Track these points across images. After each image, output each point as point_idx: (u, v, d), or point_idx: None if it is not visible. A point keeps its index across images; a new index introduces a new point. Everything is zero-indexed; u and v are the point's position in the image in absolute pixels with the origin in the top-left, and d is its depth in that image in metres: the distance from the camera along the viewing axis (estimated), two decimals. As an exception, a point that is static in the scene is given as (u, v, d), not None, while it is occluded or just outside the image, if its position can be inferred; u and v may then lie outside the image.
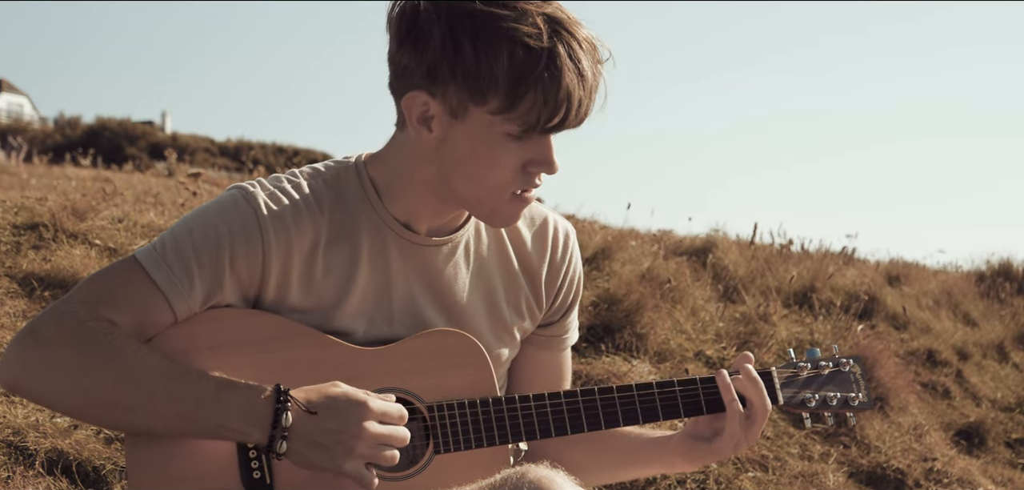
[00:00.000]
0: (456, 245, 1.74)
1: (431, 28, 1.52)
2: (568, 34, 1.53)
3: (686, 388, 1.78)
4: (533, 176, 1.62)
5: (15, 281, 3.93)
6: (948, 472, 4.61)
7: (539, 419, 1.71)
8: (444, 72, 1.53)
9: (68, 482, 2.94)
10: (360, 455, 1.56)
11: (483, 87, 1.52)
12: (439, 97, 1.55)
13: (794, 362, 1.88)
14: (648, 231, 7.63)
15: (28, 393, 1.57)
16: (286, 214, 1.63)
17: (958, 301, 8.06)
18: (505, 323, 1.80)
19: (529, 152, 1.59)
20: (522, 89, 1.51)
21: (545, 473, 1.53)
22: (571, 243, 1.87)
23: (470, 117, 1.56)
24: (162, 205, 5.89)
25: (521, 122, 1.54)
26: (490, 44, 1.50)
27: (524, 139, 1.56)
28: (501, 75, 1.50)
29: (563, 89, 1.52)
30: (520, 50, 1.50)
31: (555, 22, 1.53)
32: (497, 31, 1.50)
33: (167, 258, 1.59)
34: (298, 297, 1.65)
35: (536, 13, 1.52)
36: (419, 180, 1.66)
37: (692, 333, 5.17)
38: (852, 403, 1.88)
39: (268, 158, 32.64)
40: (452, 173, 1.61)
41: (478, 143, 1.57)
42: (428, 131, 1.59)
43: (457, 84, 1.53)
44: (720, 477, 3.97)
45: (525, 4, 1.52)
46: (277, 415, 1.54)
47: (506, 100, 1.52)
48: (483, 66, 1.50)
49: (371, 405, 1.57)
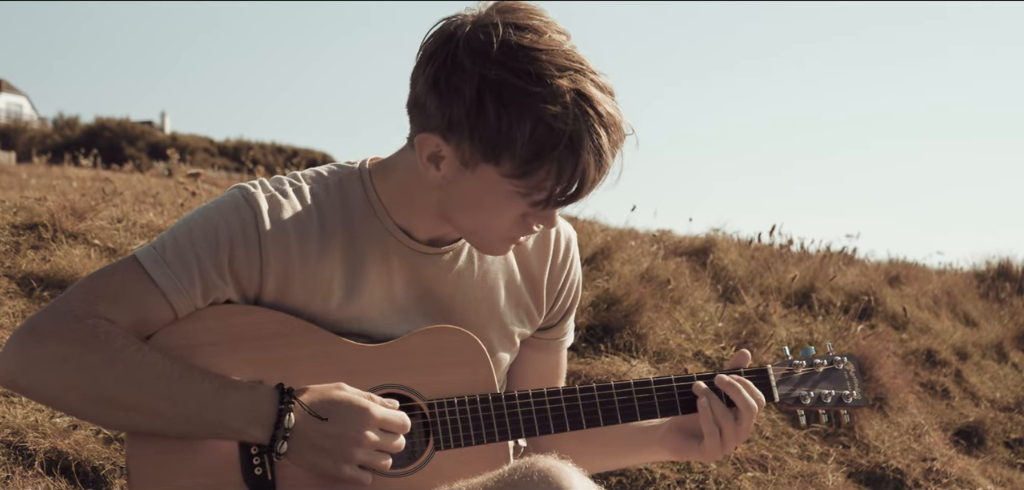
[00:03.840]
0: (458, 252, 1.75)
1: (462, 86, 1.50)
2: (594, 114, 1.51)
3: (684, 384, 1.79)
4: (531, 226, 1.63)
5: (14, 281, 3.92)
6: (947, 472, 4.61)
7: (538, 416, 1.72)
8: (463, 129, 1.52)
9: (67, 482, 2.94)
10: (359, 461, 1.57)
11: (498, 152, 1.51)
12: (453, 146, 1.55)
13: (790, 360, 1.90)
14: (648, 231, 7.64)
15: (27, 391, 1.57)
16: (286, 218, 1.63)
17: (958, 301, 8.06)
18: (506, 328, 1.81)
19: (532, 208, 1.59)
20: (537, 164, 1.51)
21: (554, 464, 1.54)
22: (572, 248, 1.88)
23: (480, 171, 1.55)
24: (161, 205, 5.89)
25: (531, 190, 1.54)
26: (515, 117, 1.49)
27: (530, 201, 1.57)
28: (519, 146, 1.50)
29: (578, 169, 1.52)
30: (542, 128, 1.49)
31: (583, 99, 1.50)
32: (524, 104, 1.48)
33: (166, 257, 1.59)
34: (297, 302, 1.65)
35: (567, 90, 1.49)
36: (423, 202, 1.67)
37: (691, 333, 5.17)
38: (846, 401, 1.90)
39: (267, 158, 32.62)
40: (453, 209, 1.62)
41: (484, 195, 1.57)
42: (436, 170, 1.59)
43: (473, 143, 1.52)
44: (719, 477, 3.97)
45: (560, 79, 1.49)
46: (280, 415, 1.55)
47: (520, 168, 1.52)
48: (503, 134, 1.50)
49: (373, 412, 1.58)
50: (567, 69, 1.50)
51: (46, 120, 45.77)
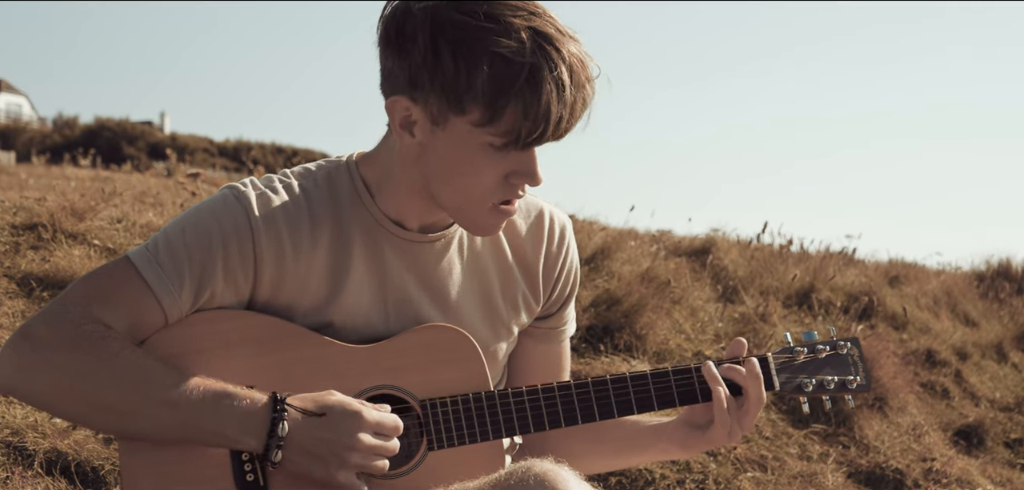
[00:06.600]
0: (449, 240, 1.74)
1: (416, 35, 1.51)
2: (553, 50, 1.49)
3: (681, 377, 1.78)
4: (515, 187, 1.61)
5: (14, 281, 3.92)
6: (947, 472, 4.61)
7: (532, 412, 1.72)
8: (424, 81, 1.52)
9: (67, 482, 2.94)
10: (353, 465, 1.57)
11: (462, 99, 1.50)
12: (421, 104, 1.55)
13: (790, 347, 1.87)
14: (648, 231, 7.64)
15: (24, 396, 1.57)
16: (278, 214, 1.63)
17: (957, 301, 8.06)
18: (501, 317, 1.80)
19: (511, 163, 1.57)
20: (502, 103, 1.49)
21: (550, 467, 1.53)
22: (568, 235, 1.86)
23: (451, 126, 1.55)
24: (161, 205, 5.89)
25: (501, 135, 1.53)
26: (470, 56, 1.48)
27: (505, 151, 1.55)
28: (480, 88, 1.49)
29: (543, 105, 1.49)
30: (500, 64, 1.48)
31: (541, 36, 1.49)
32: (479, 43, 1.48)
33: (159, 258, 1.59)
34: (291, 297, 1.65)
35: (522, 27, 1.49)
36: (407, 182, 1.66)
37: (691, 333, 5.17)
38: (850, 385, 1.87)
39: (267, 158, 32.64)
40: (434, 179, 1.61)
41: (459, 152, 1.56)
42: (410, 136, 1.59)
43: (437, 94, 1.52)
44: (719, 477, 3.97)
45: (513, 18, 1.49)
46: (273, 424, 1.55)
47: (486, 113, 1.51)
48: (462, 78, 1.49)
49: (366, 416, 1.58)
50: (521, 10, 1.50)
51: (46, 120, 45.76)
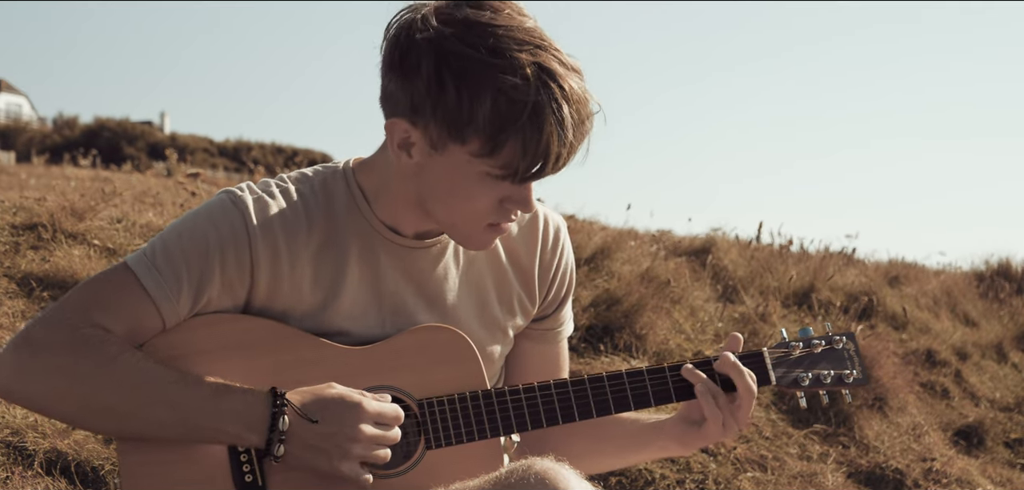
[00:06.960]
0: (445, 246, 1.75)
1: (420, 63, 1.50)
2: (557, 87, 1.49)
3: (677, 373, 1.79)
4: (508, 212, 1.62)
5: (14, 281, 3.92)
6: (947, 472, 4.61)
7: (529, 410, 1.73)
8: (426, 109, 1.52)
9: (67, 482, 2.94)
10: (356, 456, 1.58)
11: (463, 130, 1.50)
12: (421, 129, 1.55)
13: (786, 342, 1.88)
14: (647, 231, 7.64)
15: (23, 400, 1.58)
16: (274, 219, 1.64)
17: (957, 301, 8.07)
18: (497, 320, 1.81)
19: (506, 191, 1.58)
20: (502, 138, 1.49)
21: (550, 466, 1.54)
22: (562, 236, 1.86)
23: (449, 153, 1.55)
24: (161, 205, 5.89)
25: (500, 167, 1.53)
26: (474, 90, 1.48)
27: (502, 179, 1.56)
28: (482, 121, 1.49)
29: (543, 144, 1.50)
30: (503, 100, 1.47)
31: (546, 72, 1.49)
32: (483, 77, 1.48)
33: (157, 264, 1.60)
34: (288, 302, 1.66)
35: (527, 63, 1.48)
36: (403, 194, 1.67)
37: (691, 333, 5.17)
38: (846, 380, 1.87)
39: (267, 158, 32.63)
40: (429, 197, 1.62)
41: (455, 177, 1.56)
42: (408, 156, 1.59)
43: (438, 123, 1.52)
44: (719, 477, 3.97)
45: (519, 52, 1.48)
46: (274, 419, 1.56)
47: (486, 145, 1.51)
48: (464, 110, 1.49)
49: (366, 406, 1.59)
50: (527, 44, 1.50)
51: (46, 120, 45.79)
